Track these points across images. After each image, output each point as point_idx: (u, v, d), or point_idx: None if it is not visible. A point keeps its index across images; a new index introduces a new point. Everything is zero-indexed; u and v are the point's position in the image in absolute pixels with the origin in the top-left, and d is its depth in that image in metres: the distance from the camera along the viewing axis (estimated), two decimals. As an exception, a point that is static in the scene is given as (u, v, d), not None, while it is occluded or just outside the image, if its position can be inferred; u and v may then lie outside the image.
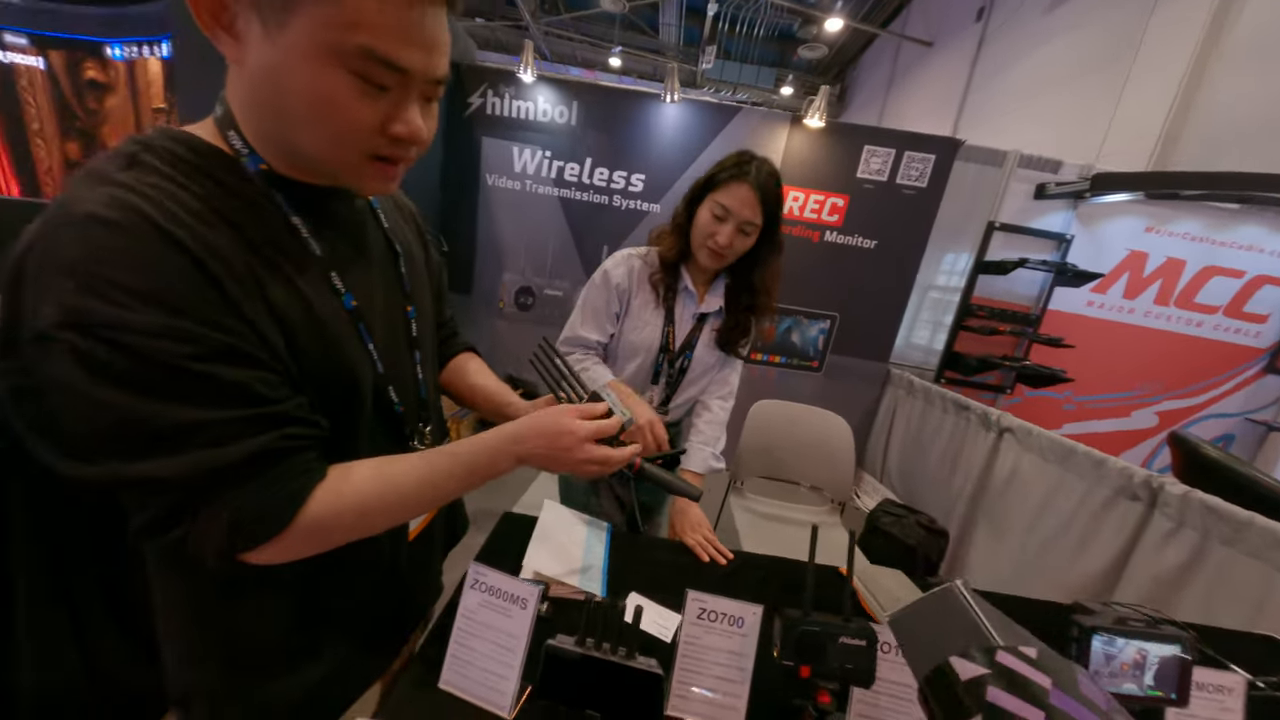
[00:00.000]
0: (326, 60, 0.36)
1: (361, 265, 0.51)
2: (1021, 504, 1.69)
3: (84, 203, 0.34)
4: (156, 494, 0.36)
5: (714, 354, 1.07)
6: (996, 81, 5.12)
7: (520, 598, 0.58)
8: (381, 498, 0.46)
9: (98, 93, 2.05)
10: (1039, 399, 2.70)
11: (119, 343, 0.33)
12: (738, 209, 0.90)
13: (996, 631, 0.35)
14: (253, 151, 0.42)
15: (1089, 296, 2.60)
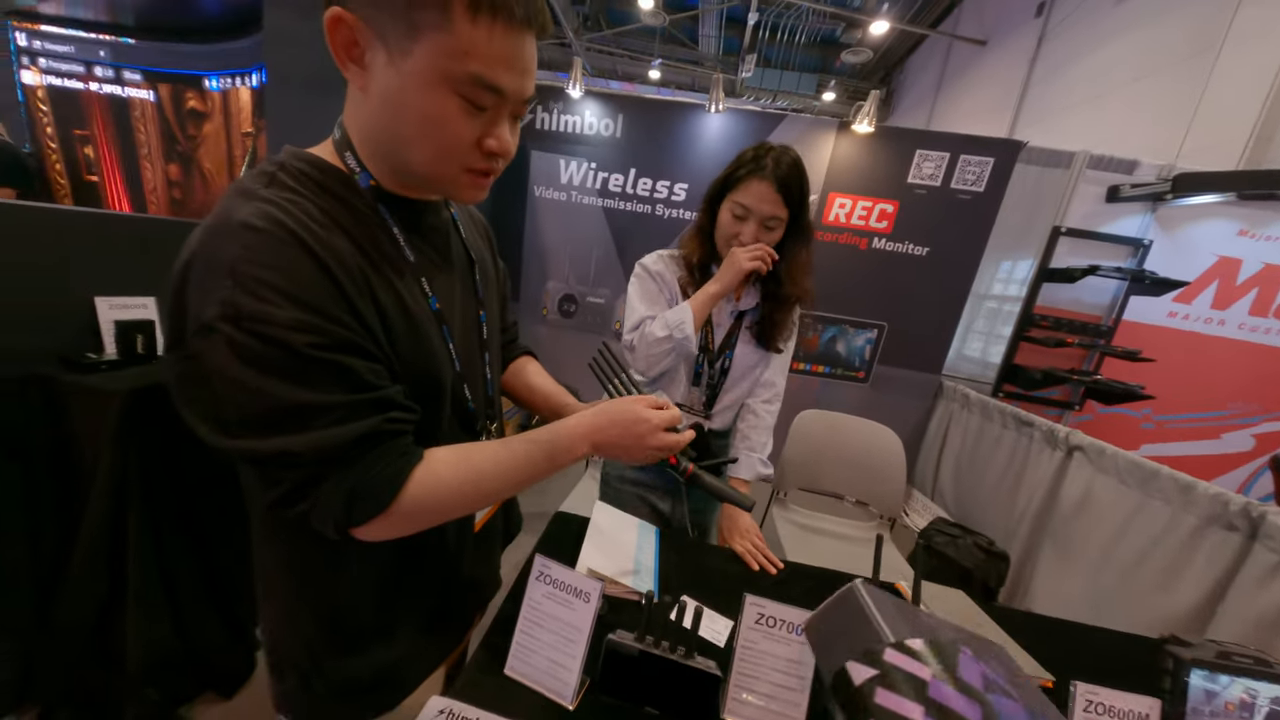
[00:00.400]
0: (439, 84, 0.41)
1: (445, 271, 0.56)
2: (1094, 529, 1.56)
3: (238, 214, 0.39)
4: (287, 468, 0.41)
5: (755, 352, 1.05)
6: (1058, 79, 4.84)
7: (583, 591, 0.60)
8: (470, 480, 0.49)
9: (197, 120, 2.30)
10: (1113, 416, 2.50)
11: (264, 334, 0.38)
12: (757, 205, 0.89)
13: (894, 627, 0.35)
14: (364, 169, 0.47)
15: (1171, 306, 2.39)
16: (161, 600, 1.06)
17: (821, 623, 0.43)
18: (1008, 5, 5.64)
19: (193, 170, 2.39)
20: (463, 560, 0.64)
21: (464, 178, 0.47)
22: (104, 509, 1.00)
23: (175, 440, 1.06)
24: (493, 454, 0.51)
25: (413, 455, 0.47)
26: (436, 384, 0.52)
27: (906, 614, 0.39)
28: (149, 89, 2.36)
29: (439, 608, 0.63)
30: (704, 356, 1.04)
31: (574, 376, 3.14)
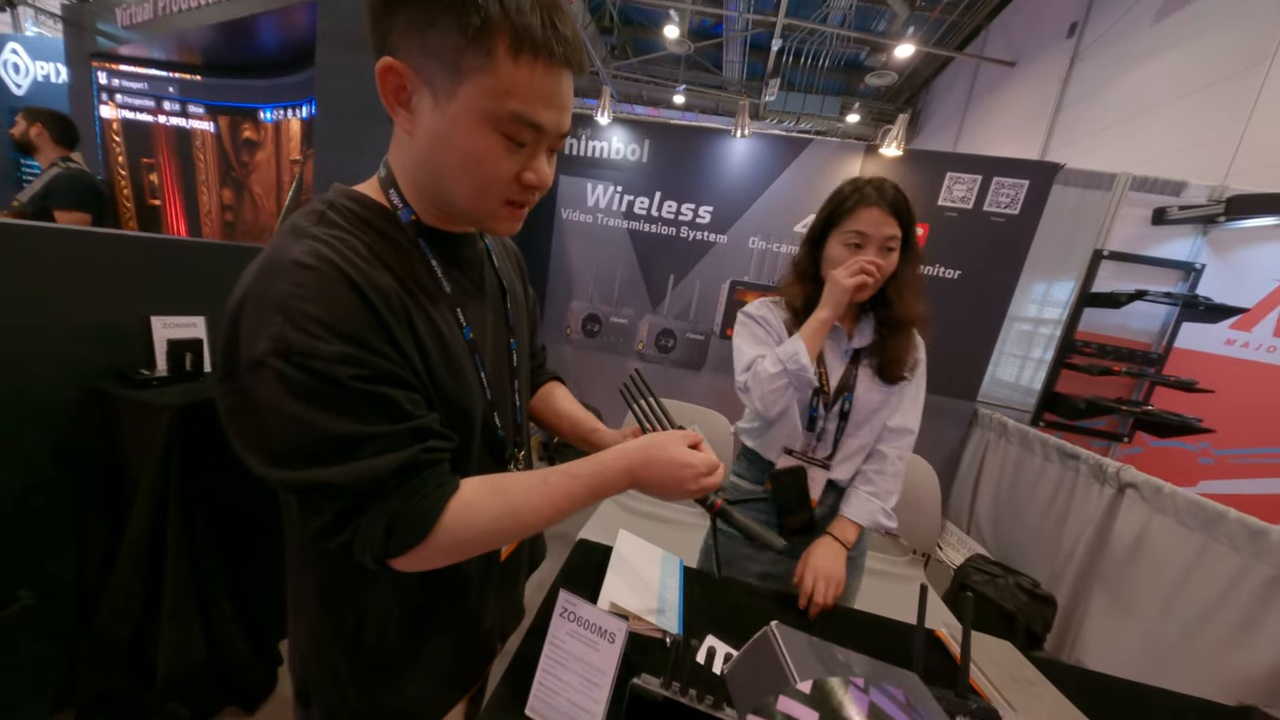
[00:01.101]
0: (482, 123, 0.42)
1: (478, 301, 0.57)
2: (1152, 575, 1.44)
3: (290, 252, 0.41)
4: (330, 499, 0.41)
5: (879, 391, 0.96)
6: (1093, 100, 4.72)
7: (608, 631, 0.57)
8: (507, 513, 0.49)
9: (250, 148, 2.45)
10: (1167, 450, 2.34)
11: (311, 368, 0.38)
12: (874, 229, 0.87)
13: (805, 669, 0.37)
14: (406, 205, 0.49)
15: (1228, 334, 2.25)
16: (194, 615, 1.09)
17: (739, 668, 0.44)
18: (1038, 26, 5.58)
19: (244, 194, 2.54)
20: (488, 592, 0.63)
21: (502, 211, 0.48)
22: (146, 523, 1.03)
23: (213, 460, 1.09)
24: (530, 487, 0.50)
25: (448, 486, 0.46)
26: (469, 412, 0.53)
27: (819, 653, 0.41)
28: (210, 121, 2.54)
29: (464, 641, 0.62)
30: (818, 399, 0.96)
31: (597, 396, 3.14)
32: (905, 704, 0.36)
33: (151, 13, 2.42)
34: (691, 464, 0.55)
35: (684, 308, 2.68)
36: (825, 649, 0.42)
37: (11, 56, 3.33)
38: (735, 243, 2.56)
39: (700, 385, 2.72)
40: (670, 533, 1.74)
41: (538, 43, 0.40)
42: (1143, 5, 4.21)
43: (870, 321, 0.97)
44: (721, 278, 2.60)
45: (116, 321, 1.18)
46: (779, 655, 0.41)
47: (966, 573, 1.79)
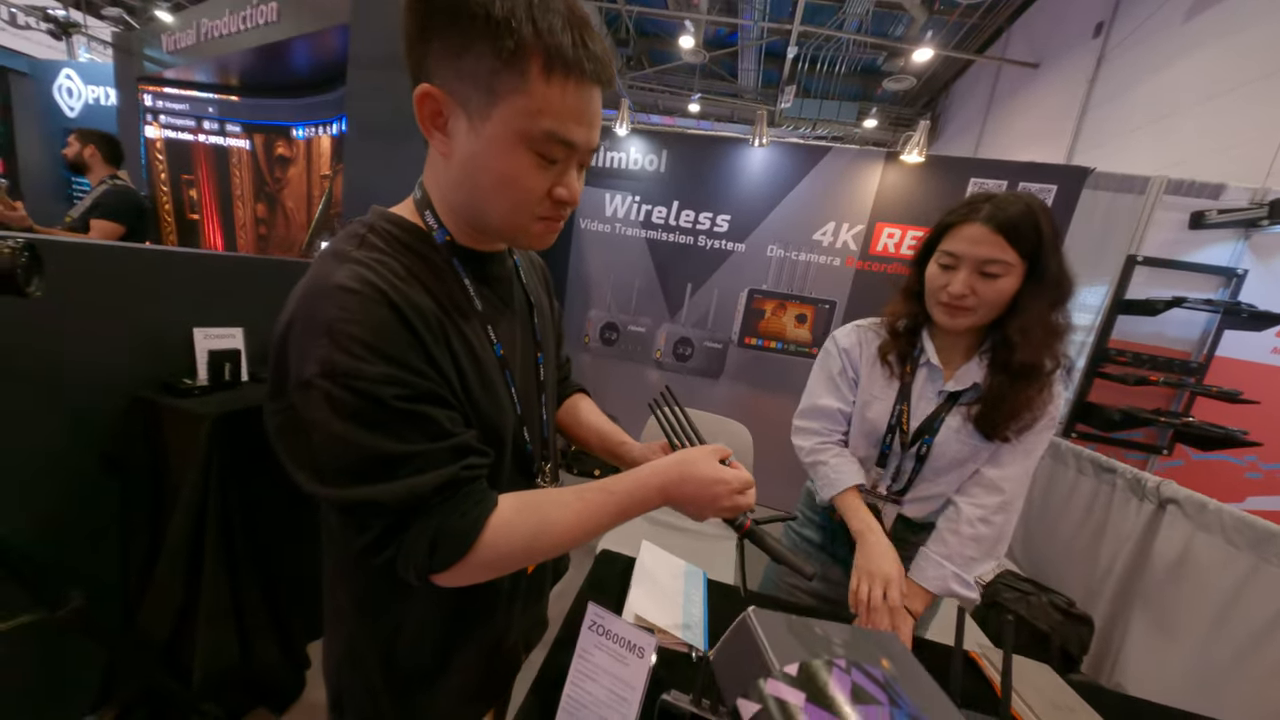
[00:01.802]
0: (516, 143, 0.43)
1: (507, 317, 0.58)
2: (1198, 596, 1.38)
3: (334, 277, 0.42)
4: (376, 515, 0.42)
5: (969, 443, 0.82)
6: (1121, 100, 4.59)
7: (637, 646, 0.57)
8: (544, 530, 0.49)
9: (283, 165, 2.55)
10: (1210, 463, 2.23)
11: (357, 388, 0.40)
12: (968, 250, 0.74)
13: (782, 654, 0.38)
14: (441, 226, 0.50)
15: (1275, 342, 2.15)
16: (230, 621, 1.12)
17: (721, 654, 0.45)
18: (1062, 27, 5.47)
19: (277, 209, 2.64)
20: (515, 606, 0.64)
21: (536, 226, 0.49)
22: (186, 529, 1.07)
23: (250, 468, 1.13)
24: (566, 503, 0.51)
25: (488, 503, 0.47)
26: (501, 428, 0.53)
27: (798, 634, 0.42)
28: (246, 139, 2.65)
29: (492, 653, 0.63)
30: (892, 437, 0.86)
31: (614, 404, 3.14)
32: (883, 682, 0.38)
33: (195, 38, 2.55)
34: (726, 480, 0.55)
35: (701, 316, 2.68)
36: (803, 625, 0.43)
37: (65, 81, 3.53)
38: (753, 251, 2.55)
39: (718, 394, 2.70)
40: (692, 544, 1.73)
41: (569, 62, 0.41)
42: (1173, 3, 4.09)
43: (982, 364, 0.81)
44: (739, 286, 2.60)
45: (162, 333, 1.23)
46: (758, 640, 0.41)
47: (997, 590, 1.73)
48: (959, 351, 0.84)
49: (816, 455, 0.91)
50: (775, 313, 2.57)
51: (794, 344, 2.58)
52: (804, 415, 0.94)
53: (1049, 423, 0.80)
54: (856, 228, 2.41)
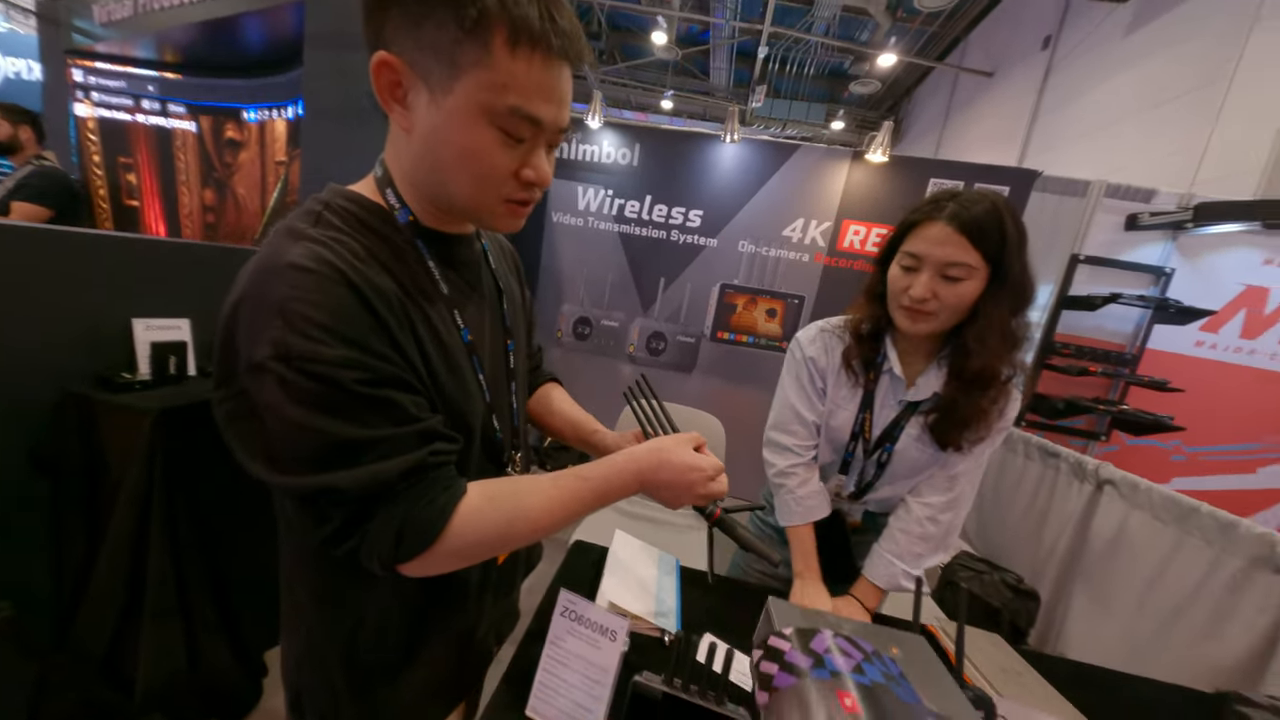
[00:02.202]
0: (479, 118, 0.41)
1: (475, 303, 0.56)
2: (1131, 569, 1.49)
3: (287, 254, 0.40)
4: (336, 504, 0.41)
5: (927, 450, 0.82)
6: (1067, 109, 4.88)
7: (610, 630, 0.58)
8: (519, 516, 0.48)
9: (233, 149, 2.40)
10: (1142, 448, 2.41)
11: (314, 372, 0.38)
12: (930, 251, 0.71)
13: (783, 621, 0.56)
14: (404, 205, 0.49)
15: (1198, 336, 2.34)
16: (176, 621, 1.06)
17: (757, 635, 0.61)
18: (1014, 38, 5.76)
19: (227, 196, 2.49)
20: (486, 597, 0.63)
21: (502, 208, 0.47)
22: (128, 528, 1.00)
23: (197, 463, 1.07)
24: (540, 490, 0.50)
25: (456, 489, 0.46)
26: (468, 415, 0.52)
27: (807, 616, 0.58)
28: (191, 120, 2.49)
29: (461, 646, 0.62)
30: (855, 444, 0.87)
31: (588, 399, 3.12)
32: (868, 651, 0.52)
33: (131, 10, 2.37)
34: (701, 467, 0.55)
35: (675, 310, 2.70)
36: (817, 614, 0.56)
37: (-19, 52, 3.23)
38: (725, 246, 2.59)
39: (691, 388, 2.73)
40: (664, 534, 1.74)
41: (535, 35, 0.39)
42: (1114, 19, 4.38)
43: (941, 371, 0.80)
44: (712, 280, 2.63)
45: (95, 323, 1.15)
46: (771, 618, 0.57)
47: (954, 570, 1.82)
48: (920, 356, 0.83)
49: (785, 479, 0.90)
50: (747, 307, 2.62)
51: (765, 338, 2.64)
52: (777, 428, 0.92)
53: (1003, 426, 0.80)
54: (824, 224, 2.48)
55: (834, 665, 0.48)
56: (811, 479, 0.89)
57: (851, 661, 0.49)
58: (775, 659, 0.49)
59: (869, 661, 0.49)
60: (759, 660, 0.49)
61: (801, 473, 0.89)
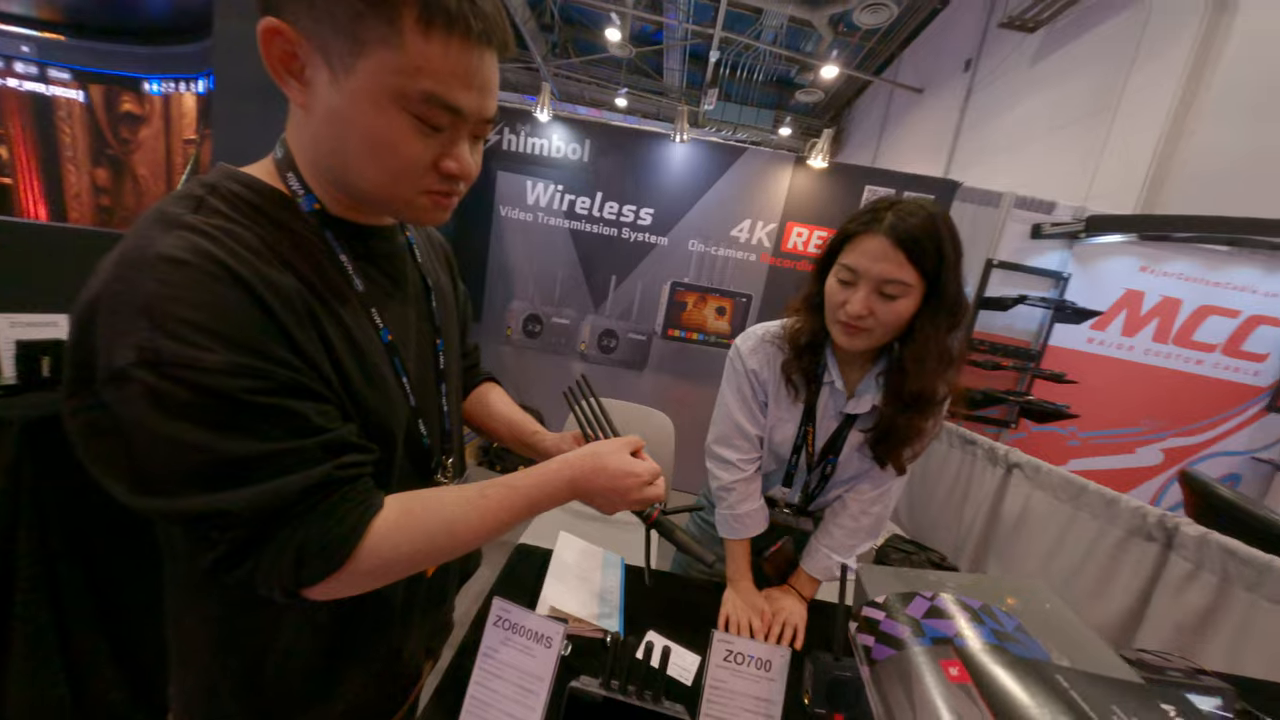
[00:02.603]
0: (389, 103, 0.38)
1: (398, 300, 0.52)
2: (1034, 543, 1.65)
3: (156, 245, 0.35)
4: (224, 528, 0.36)
5: (868, 459, 0.84)
6: (985, 127, 5.34)
7: (544, 636, 0.56)
8: (442, 530, 0.45)
9: (132, 124, 2.14)
10: (1044, 434, 2.69)
11: (190, 380, 0.33)
12: (868, 266, 0.69)
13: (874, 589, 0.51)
14: (308, 192, 0.44)
15: (1089, 333, 2.63)
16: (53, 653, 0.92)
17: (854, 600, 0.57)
18: (940, 59, 6.22)
19: (124, 176, 2.21)
20: (413, 613, 0.58)
21: (422, 200, 0.43)
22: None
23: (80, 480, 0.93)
24: (467, 500, 0.47)
25: (372, 504, 0.42)
26: (390, 421, 0.48)
27: (901, 577, 0.52)
28: (78, 89, 2.18)
29: (385, 670, 0.57)
30: (799, 457, 0.87)
31: (539, 398, 3.06)
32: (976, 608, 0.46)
33: (-4, -44, 2.05)
34: (637, 473, 0.55)
35: (626, 308, 2.69)
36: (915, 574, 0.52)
37: None
38: (675, 245, 2.61)
39: (643, 385, 2.74)
40: (612, 530, 1.74)
41: (452, 15, 0.36)
42: (1022, 49, 4.83)
43: (879, 384, 0.80)
44: (663, 278, 2.65)
45: (-56, 319, 0.98)
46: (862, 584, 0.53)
47: (886, 552, 1.95)
48: (858, 366, 0.82)
49: (726, 494, 0.89)
50: (697, 305, 2.66)
51: (714, 335, 2.69)
52: (720, 442, 0.90)
53: (913, 441, 0.81)
54: (770, 226, 2.56)
55: (935, 631, 0.42)
56: (751, 495, 0.89)
57: (955, 625, 0.43)
58: (870, 630, 0.44)
59: (976, 620, 0.43)
60: (854, 631, 0.45)
61: (741, 489, 0.89)
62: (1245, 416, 2.65)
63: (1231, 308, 2.55)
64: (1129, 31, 3.74)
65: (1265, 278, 2.52)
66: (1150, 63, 3.57)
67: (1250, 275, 2.53)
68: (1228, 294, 2.54)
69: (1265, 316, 2.54)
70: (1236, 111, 3.07)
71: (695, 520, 1.07)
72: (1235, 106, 3.07)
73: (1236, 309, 2.55)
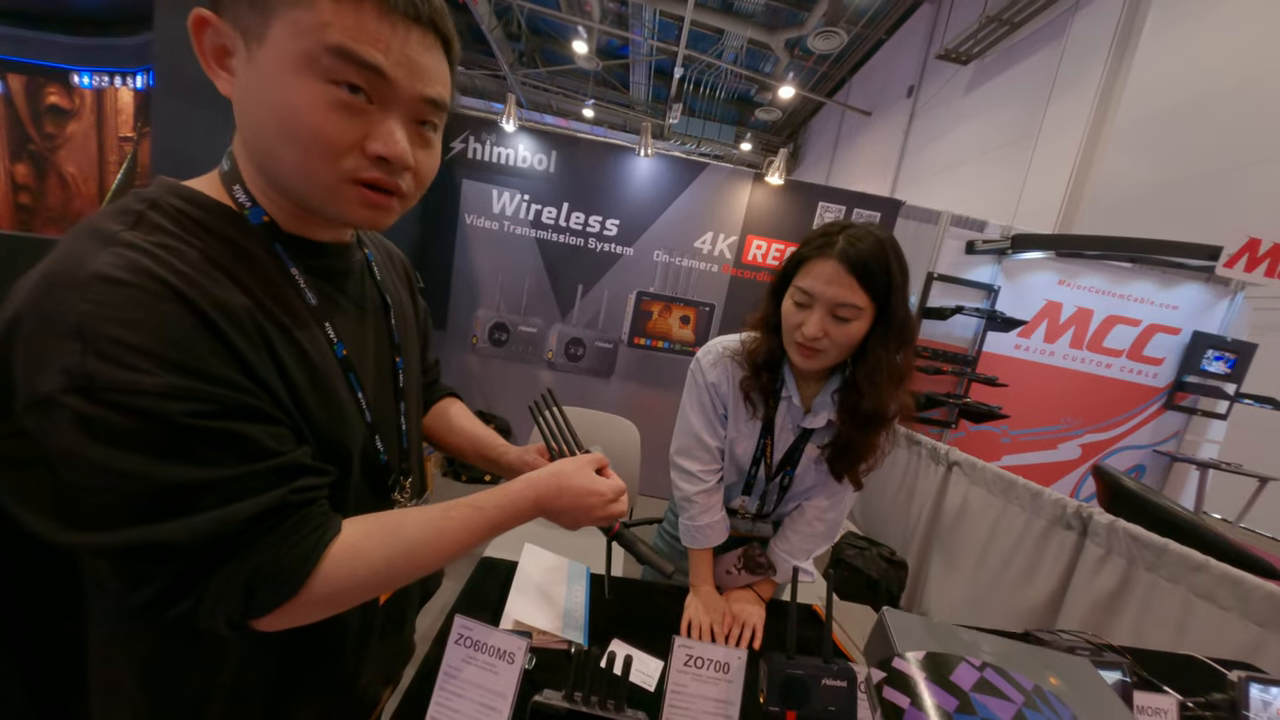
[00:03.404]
0: (299, 69, 0.35)
1: (354, 316, 0.51)
2: (972, 535, 1.77)
3: (91, 263, 0.32)
4: (164, 561, 0.34)
5: (824, 471, 0.86)
6: (926, 149, 5.71)
7: (507, 652, 0.55)
8: (402, 553, 0.43)
9: (58, 118, 1.96)
10: (980, 433, 2.88)
11: (126, 405, 0.31)
12: (822, 290, 0.71)
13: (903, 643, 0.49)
14: (255, 204, 0.42)
15: (1016, 340, 2.85)
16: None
17: (871, 643, 0.55)
18: (886, 85, 6.61)
19: (49, 173, 2.02)
20: (369, 640, 0.55)
21: (348, 190, 0.39)
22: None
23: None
24: (429, 522, 0.45)
25: (328, 528, 0.40)
26: (345, 441, 0.46)
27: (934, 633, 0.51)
28: (-7, 78, 1.98)
29: (339, 699, 0.54)
30: (758, 468, 0.89)
31: (505, 407, 2.99)
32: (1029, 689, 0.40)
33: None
34: (600, 491, 0.55)
35: (593, 317, 2.69)
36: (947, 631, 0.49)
37: None
38: (641, 255, 2.64)
39: (610, 392, 2.74)
40: (577, 542, 1.72)
41: None
42: (956, 80, 5.21)
43: (834, 400, 0.82)
44: (629, 288, 2.66)
45: None
46: (889, 633, 0.49)
47: (841, 548, 2.03)
48: (814, 382, 0.84)
49: (689, 505, 0.91)
50: (662, 314, 2.69)
51: (679, 343, 2.73)
52: (682, 454, 0.91)
53: (865, 458, 0.84)
54: (731, 238, 2.64)
55: (990, 713, 0.37)
56: (712, 508, 0.91)
57: (1012, 708, 0.38)
58: (903, 688, 0.39)
59: (1033, 708, 0.38)
60: (880, 683, 0.40)
61: (703, 501, 0.90)
62: (1147, 414, 2.94)
63: (1134, 317, 2.83)
64: (1046, 69, 4.12)
65: (1160, 291, 2.82)
66: (1064, 98, 3.94)
67: (1148, 289, 2.81)
68: (1130, 305, 2.82)
69: (1161, 325, 2.84)
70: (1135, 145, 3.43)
71: (661, 532, 1.08)
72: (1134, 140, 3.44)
73: (1138, 319, 2.83)
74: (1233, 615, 1.07)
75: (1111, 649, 0.84)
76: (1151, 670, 0.80)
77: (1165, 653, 0.93)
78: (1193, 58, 3.14)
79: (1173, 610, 1.18)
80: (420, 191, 0.45)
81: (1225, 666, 0.90)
